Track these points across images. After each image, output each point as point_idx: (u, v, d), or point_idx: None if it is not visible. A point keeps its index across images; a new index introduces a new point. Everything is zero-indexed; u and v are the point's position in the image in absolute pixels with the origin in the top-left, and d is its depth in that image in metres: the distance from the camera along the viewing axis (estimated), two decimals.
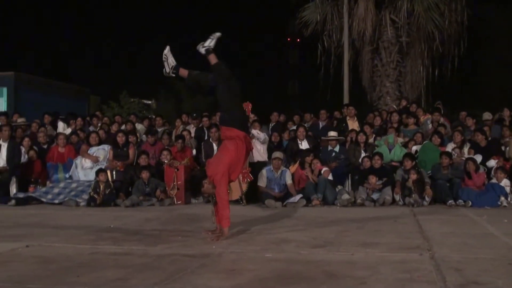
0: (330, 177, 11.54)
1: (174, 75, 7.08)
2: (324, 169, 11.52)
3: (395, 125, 13.60)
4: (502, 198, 10.53)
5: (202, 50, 6.97)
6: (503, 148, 12.34)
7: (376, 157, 11.55)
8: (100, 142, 12.87)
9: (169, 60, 7.04)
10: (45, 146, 13.41)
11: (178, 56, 7.13)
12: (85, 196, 11.33)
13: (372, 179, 11.18)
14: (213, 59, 6.94)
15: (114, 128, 14.27)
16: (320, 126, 14.41)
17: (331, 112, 15.34)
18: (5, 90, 26.71)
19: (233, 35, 43.64)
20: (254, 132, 11.79)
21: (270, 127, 14.75)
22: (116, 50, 41.19)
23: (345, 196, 11.07)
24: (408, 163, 11.24)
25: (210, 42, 6.97)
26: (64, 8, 45.95)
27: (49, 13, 44.87)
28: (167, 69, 7.07)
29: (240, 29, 43.61)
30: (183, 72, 7.09)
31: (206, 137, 13.36)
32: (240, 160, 6.94)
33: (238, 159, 6.85)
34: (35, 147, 13.04)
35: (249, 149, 7.13)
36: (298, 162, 11.80)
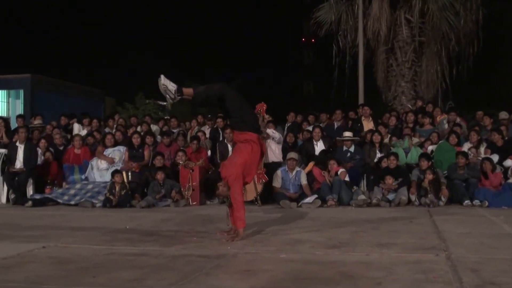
0: (347, 178, 11.51)
1: (180, 97, 6.78)
2: (341, 170, 11.49)
3: (411, 125, 13.54)
4: None
5: (178, 97, 6.75)
6: None
7: (392, 158, 11.49)
8: (115, 144, 12.94)
9: (169, 87, 6.71)
10: (61, 148, 13.51)
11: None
12: (101, 197, 11.40)
13: (389, 179, 11.12)
14: (188, 92, 6.84)
15: (131, 130, 14.32)
16: (335, 126, 14.38)
17: (346, 112, 15.30)
18: (21, 92, 26.98)
19: (247, 35, 43.72)
20: (269, 131, 11.78)
21: (286, 127, 14.75)
22: (130, 51, 41.36)
23: (361, 197, 11.04)
24: (424, 163, 11.17)
25: (171, 93, 6.70)
26: (79, 10, 46.23)
27: (64, 15, 45.16)
28: (171, 95, 6.70)
29: (254, 29, 43.67)
30: (188, 91, 6.86)
31: (221, 138, 13.39)
32: (255, 162, 6.94)
33: (252, 161, 6.85)
34: (51, 149, 13.14)
35: (263, 151, 7.12)
36: (313, 162, 11.82)
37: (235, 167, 6.72)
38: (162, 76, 6.69)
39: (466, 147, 12.17)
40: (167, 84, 6.72)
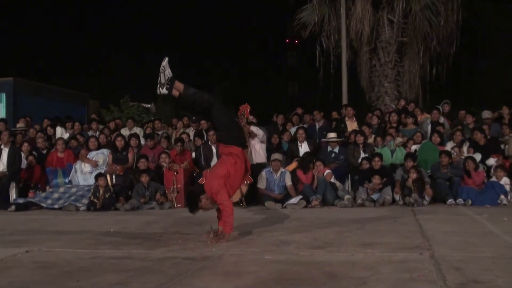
0: (333, 180, 11.54)
1: (167, 90, 6.81)
2: (327, 171, 11.52)
3: (394, 125, 13.60)
4: (502, 197, 10.54)
5: (165, 91, 6.82)
6: (502, 146, 12.35)
7: (376, 159, 11.52)
8: (99, 147, 12.87)
9: (166, 72, 6.82)
10: (44, 151, 13.41)
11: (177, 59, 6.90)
12: (85, 201, 11.34)
13: (377, 180, 11.14)
14: (179, 87, 6.87)
15: (114, 134, 14.22)
16: (317, 127, 14.41)
17: (328, 112, 15.36)
18: (3, 96, 26.68)
19: (232, 37, 43.71)
20: (253, 128, 11.76)
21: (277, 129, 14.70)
22: (115, 54, 41.18)
23: (347, 196, 11.07)
24: (410, 164, 11.23)
25: (164, 77, 6.79)
26: (63, 11, 45.92)
27: (48, 18, 44.83)
28: (163, 79, 6.80)
29: (239, 31, 43.66)
30: (179, 86, 6.90)
31: (205, 140, 13.34)
32: (239, 177, 6.94)
33: (236, 174, 6.85)
34: (34, 153, 13.04)
35: (247, 167, 7.12)
36: (296, 161, 11.87)
37: (216, 178, 6.72)
38: (166, 59, 6.85)
39: (449, 146, 12.26)
40: (166, 68, 6.82)
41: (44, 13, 43.94)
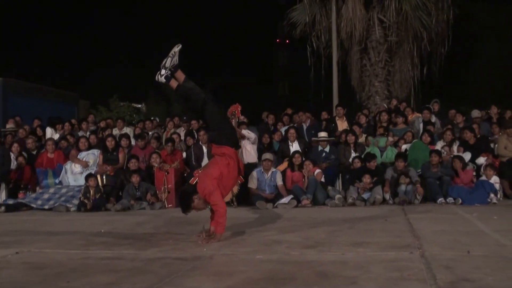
0: (323, 179, 11.55)
1: (165, 79, 6.82)
2: (317, 171, 11.52)
3: (385, 125, 13.62)
4: (492, 195, 10.58)
5: (163, 79, 6.83)
6: (492, 145, 12.40)
7: (373, 161, 11.52)
8: (90, 147, 12.82)
9: (174, 59, 6.82)
10: (34, 152, 13.34)
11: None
12: (75, 201, 11.29)
13: (368, 179, 11.15)
14: (179, 77, 6.89)
15: (105, 133, 14.17)
16: (304, 127, 14.43)
17: (318, 112, 15.37)
18: None
19: (222, 36, 43.69)
20: (245, 131, 11.77)
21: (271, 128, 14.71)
22: (105, 53, 41.13)
23: (338, 196, 11.08)
24: (401, 164, 11.26)
25: (170, 61, 6.82)
26: (53, 11, 45.77)
27: (37, 17, 44.71)
28: (168, 64, 6.78)
29: (229, 30, 43.67)
30: (180, 76, 6.91)
31: (196, 140, 13.32)
32: (232, 178, 6.93)
33: (229, 175, 6.84)
34: (24, 153, 12.98)
35: (240, 167, 7.11)
36: (287, 161, 11.88)
37: (209, 179, 6.70)
38: (180, 46, 6.88)
39: (439, 145, 12.30)
40: (175, 55, 6.85)
41: (35, 13, 43.78)
